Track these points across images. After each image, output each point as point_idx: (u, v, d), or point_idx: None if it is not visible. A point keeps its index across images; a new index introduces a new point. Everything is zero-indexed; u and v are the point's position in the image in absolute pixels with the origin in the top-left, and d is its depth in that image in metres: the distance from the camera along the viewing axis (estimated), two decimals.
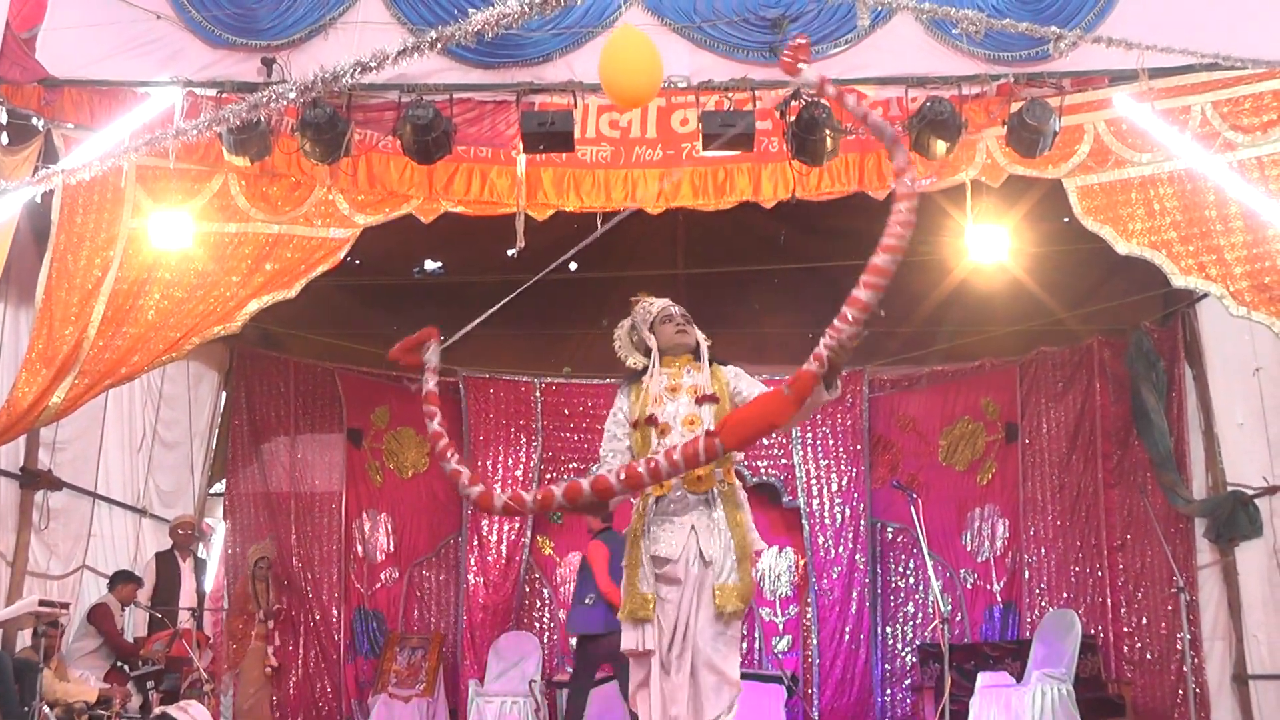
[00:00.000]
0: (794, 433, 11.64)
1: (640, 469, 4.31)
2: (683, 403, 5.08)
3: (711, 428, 4.74)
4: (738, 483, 5.12)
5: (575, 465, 11.70)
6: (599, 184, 7.94)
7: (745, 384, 5.12)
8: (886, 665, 11.40)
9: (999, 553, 11.10)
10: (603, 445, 5.26)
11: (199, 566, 10.28)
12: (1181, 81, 7.44)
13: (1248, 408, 9.37)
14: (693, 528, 4.94)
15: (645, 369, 5.29)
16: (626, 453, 5.13)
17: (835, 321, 4.20)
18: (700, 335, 5.29)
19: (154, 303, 7.86)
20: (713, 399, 5.04)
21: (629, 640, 5.02)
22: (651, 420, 5.07)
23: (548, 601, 11.85)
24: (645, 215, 8.16)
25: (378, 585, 11.64)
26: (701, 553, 4.90)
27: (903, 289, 10.59)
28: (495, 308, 4.99)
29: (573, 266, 10.90)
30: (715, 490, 4.98)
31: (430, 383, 5.09)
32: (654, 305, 5.42)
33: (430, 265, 11.40)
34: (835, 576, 11.39)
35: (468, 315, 12.41)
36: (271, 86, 5.41)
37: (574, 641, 8.89)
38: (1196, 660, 9.33)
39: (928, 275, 10.04)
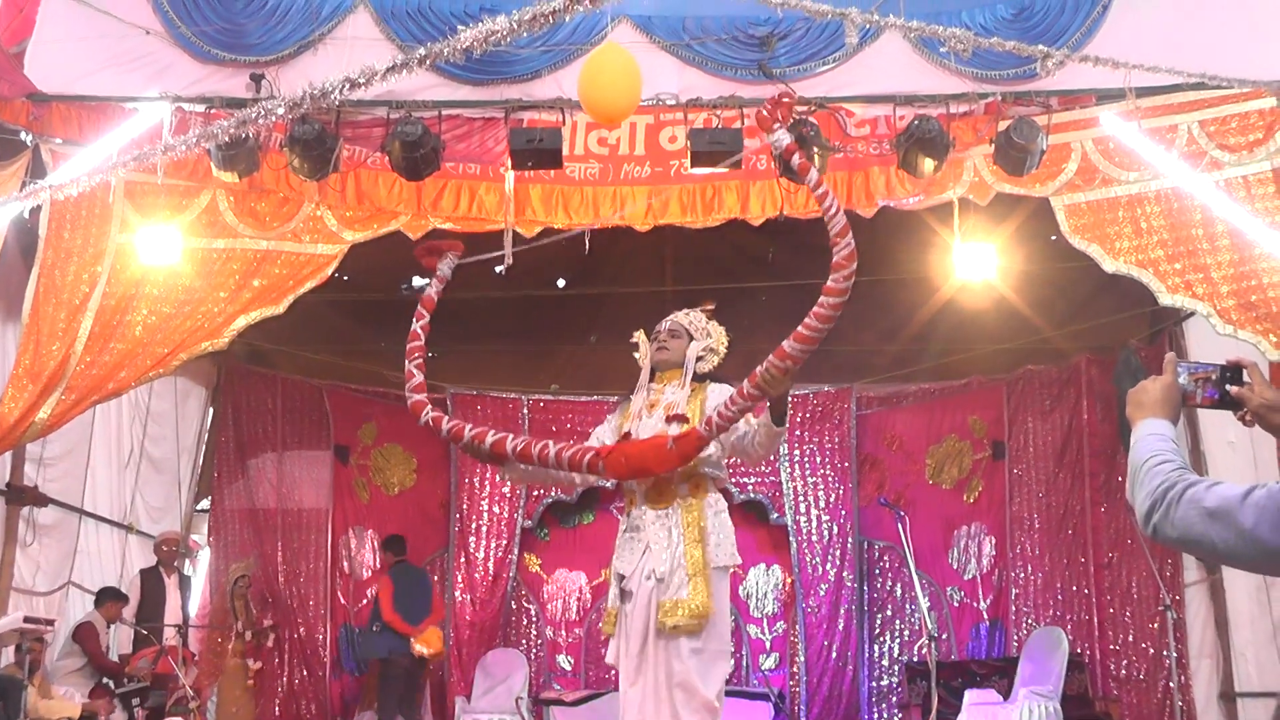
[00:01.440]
0: (781, 450, 11.61)
1: (534, 446, 5.05)
2: (656, 418, 5.11)
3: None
4: (712, 498, 5.10)
5: (563, 483, 11.68)
6: (587, 201, 7.94)
7: (713, 406, 5.05)
8: (874, 683, 11.36)
9: (986, 570, 11.10)
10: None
11: (184, 583, 10.23)
12: (1168, 100, 7.46)
13: (1239, 428, 9.36)
14: (648, 545, 4.97)
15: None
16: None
17: (763, 365, 4.68)
18: (694, 350, 5.28)
19: (141, 318, 7.84)
20: (681, 418, 5.02)
21: (610, 654, 5.15)
22: (626, 438, 5.13)
23: (535, 619, 11.80)
24: (633, 232, 8.17)
25: (364, 602, 11.57)
26: (652, 570, 4.91)
27: (890, 307, 10.66)
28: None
29: (560, 283, 10.91)
30: (676, 505, 5.00)
31: (431, 289, 5.82)
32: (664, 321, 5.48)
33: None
34: (822, 594, 11.37)
35: (455, 331, 12.46)
36: (260, 102, 5.41)
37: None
38: (1184, 678, 9.33)
39: (915, 293, 10.07)
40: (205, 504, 11.45)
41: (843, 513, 11.51)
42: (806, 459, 11.72)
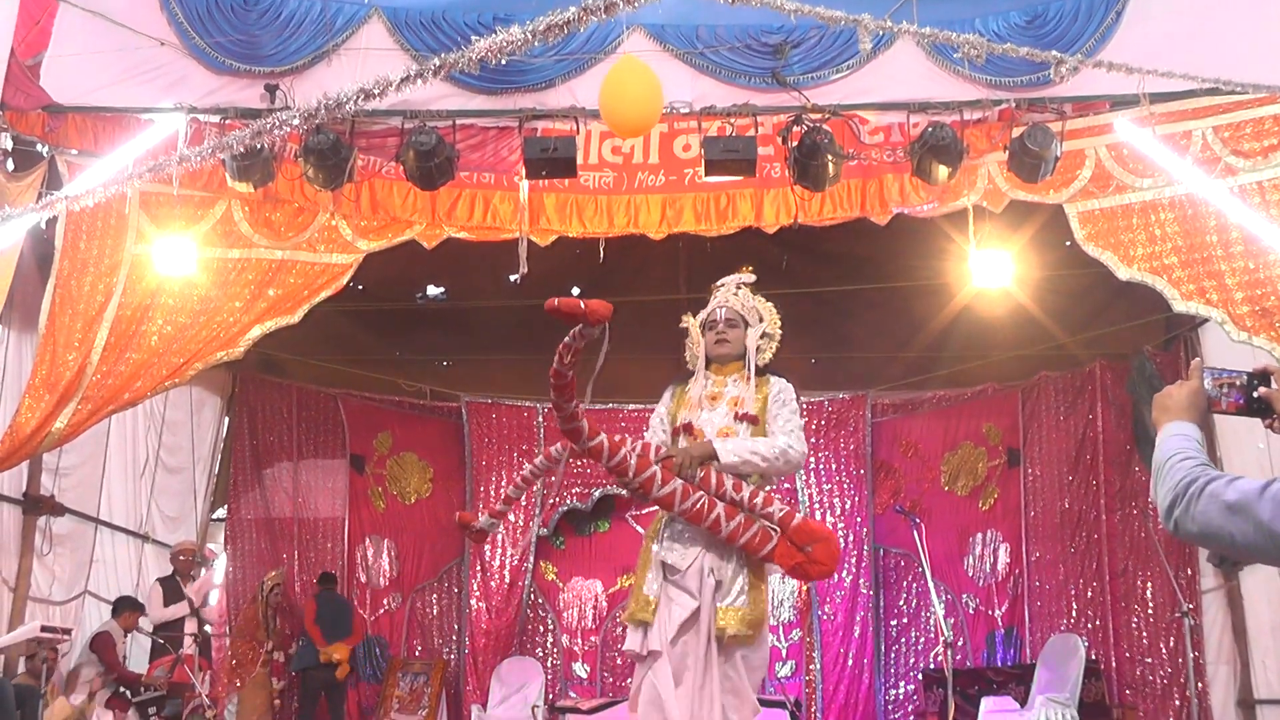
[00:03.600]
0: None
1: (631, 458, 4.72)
2: (720, 413, 5.04)
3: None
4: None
5: (579, 490, 11.68)
6: (601, 210, 7.94)
7: (778, 408, 5.04)
8: (890, 690, 11.34)
9: (1001, 578, 11.05)
10: (650, 432, 5.23)
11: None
12: (1182, 106, 7.44)
13: (1255, 434, 9.31)
14: (704, 541, 4.83)
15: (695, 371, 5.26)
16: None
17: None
18: (753, 339, 5.18)
19: (157, 328, 7.85)
20: (752, 419, 4.98)
21: (630, 642, 4.99)
22: (688, 428, 5.03)
23: (550, 627, 11.80)
24: (648, 241, 8.16)
25: (380, 611, 11.60)
26: (713, 570, 4.81)
27: (905, 314, 10.65)
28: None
29: (575, 291, 10.91)
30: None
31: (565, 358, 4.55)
32: (712, 301, 5.33)
33: (433, 291, 11.39)
34: (838, 601, 11.34)
35: (470, 341, 12.47)
36: (275, 113, 5.42)
37: None
38: (1201, 685, 9.27)
39: (930, 300, 10.05)
40: (221, 513, 11.47)
41: (858, 520, 11.49)
42: (822, 466, 11.70)
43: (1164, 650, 9.85)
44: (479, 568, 11.67)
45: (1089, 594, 10.42)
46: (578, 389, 4.54)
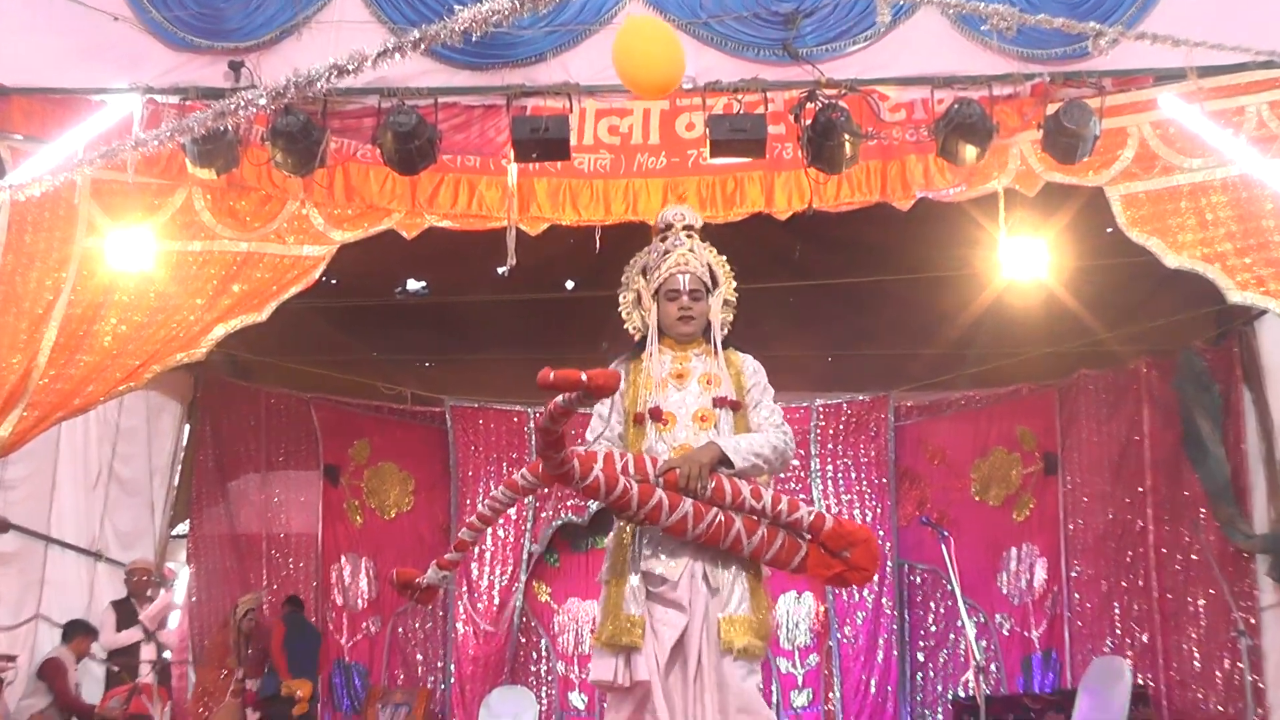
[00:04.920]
0: (812, 464, 11.64)
1: (631, 487, 4.49)
2: (692, 393, 4.87)
3: (730, 433, 4.78)
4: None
5: (573, 504, 11.69)
6: (597, 195, 7.94)
7: (759, 394, 4.93)
8: None
9: (1038, 596, 11.07)
10: (590, 429, 4.96)
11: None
12: (1234, 80, 7.40)
13: None
14: (699, 546, 4.61)
15: (644, 342, 5.06)
16: (619, 444, 4.85)
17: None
18: (716, 308, 5.07)
19: (110, 328, 7.82)
20: (735, 405, 4.84)
21: (603, 670, 4.63)
22: (656, 414, 4.81)
23: (544, 653, 11.82)
24: (648, 229, 8.14)
25: (359, 636, 11.62)
26: (706, 575, 4.61)
27: (930, 307, 10.65)
28: None
29: (569, 285, 10.92)
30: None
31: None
32: (665, 261, 5.09)
33: (413, 285, 11.41)
34: (859, 623, 11.37)
35: (454, 339, 12.48)
36: (240, 92, 5.42)
37: None
38: (1261, 711, 9.25)
39: (958, 292, 10.05)
40: (181, 529, 11.47)
41: (880, 533, 11.49)
42: (840, 474, 11.72)
43: (1218, 674, 9.83)
44: (465, 589, 11.69)
45: (1135, 612, 10.43)
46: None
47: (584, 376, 4.04)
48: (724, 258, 5.21)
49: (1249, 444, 9.84)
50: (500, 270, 7.90)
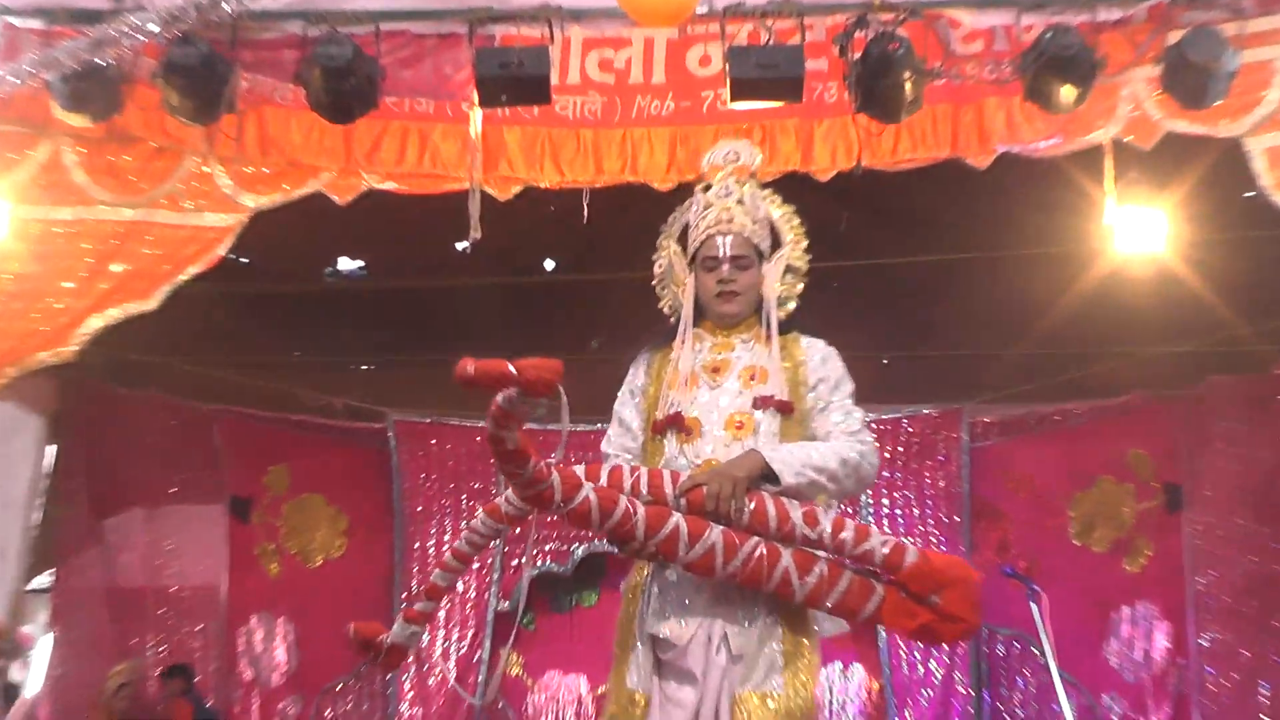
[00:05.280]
0: (864, 499, 11.66)
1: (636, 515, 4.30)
2: (729, 392, 4.77)
3: (775, 441, 4.61)
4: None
5: (553, 548, 11.73)
6: (586, 149, 7.97)
7: (828, 390, 4.79)
8: None
9: (1158, 670, 11.07)
10: (607, 440, 5.02)
11: (9, 694, 10.27)
12: None
13: None
14: (712, 594, 4.55)
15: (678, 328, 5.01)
16: (641, 456, 4.85)
17: None
18: (774, 277, 5.01)
19: None
20: (784, 407, 4.69)
21: None
22: (676, 420, 4.74)
23: None
24: (652, 194, 8.19)
25: None
26: (727, 637, 4.50)
27: (1014, 295, 10.68)
28: None
29: (549, 266, 10.97)
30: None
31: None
32: (705, 218, 5.08)
33: (348, 265, 11.45)
34: (925, 704, 11.40)
35: (400, 335, 12.51)
36: (123, 16, 5.46)
37: None
38: None
39: (1050, 275, 10.10)
40: (43, 580, 11.46)
41: None
42: (899, 510, 11.76)
43: None
44: (413, 659, 11.71)
45: None
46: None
47: (512, 368, 3.91)
48: (791, 208, 5.21)
49: None
50: (460, 246, 7.94)
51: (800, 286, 5.07)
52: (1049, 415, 11.92)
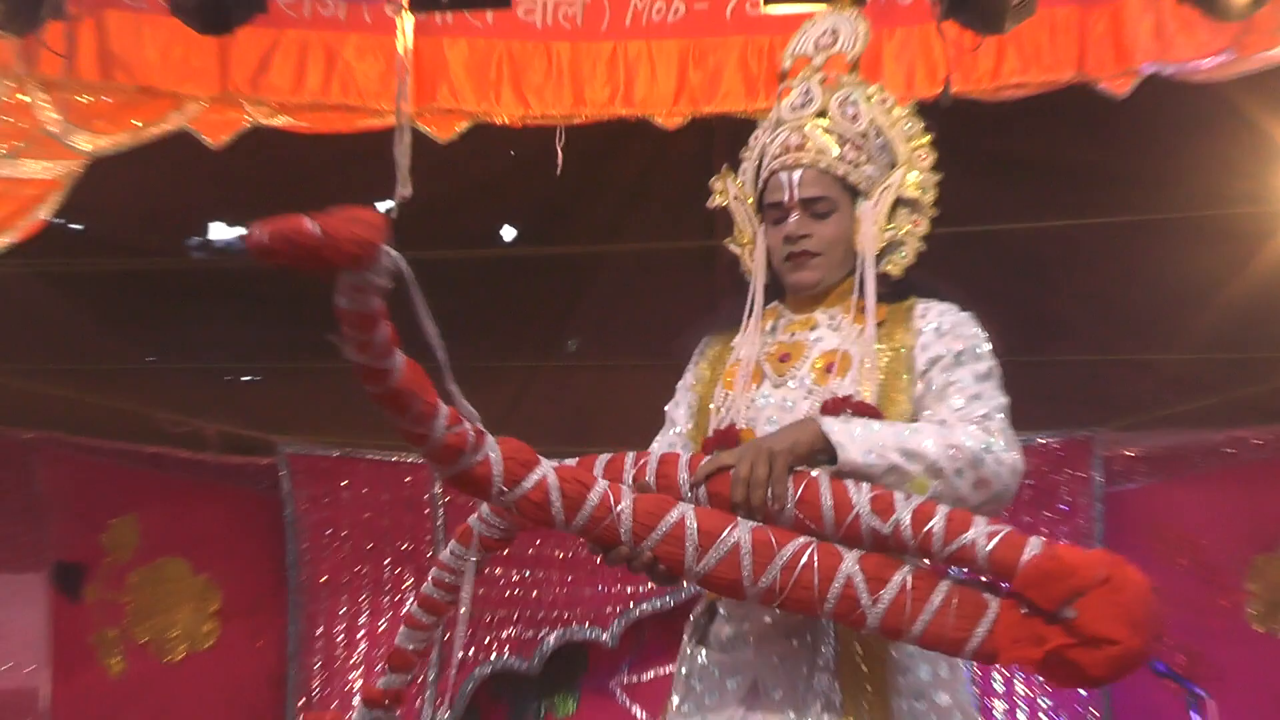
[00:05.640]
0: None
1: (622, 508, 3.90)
2: (795, 390, 4.58)
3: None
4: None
5: (512, 634, 11.76)
6: (560, 72, 8.07)
7: (946, 369, 4.44)
8: None
9: None
10: (658, 438, 4.96)
11: None
12: None
13: None
14: (755, 685, 4.41)
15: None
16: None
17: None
18: (872, 229, 4.74)
19: None
20: (869, 410, 4.36)
21: None
22: (728, 436, 4.54)
23: None
24: (653, 132, 8.27)
25: None
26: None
27: (1168, 278, 10.71)
28: None
29: (507, 234, 11.04)
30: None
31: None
32: (773, 144, 4.86)
33: (223, 234, 11.52)
34: None
35: (299, 332, 12.64)
36: None
37: None
38: None
39: (1217, 252, 10.13)
40: None
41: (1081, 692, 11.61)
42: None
43: None
44: None
45: None
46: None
47: (314, 225, 3.46)
48: (907, 109, 4.96)
49: None
50: (383, 207, 8.00)
51: (924, 228, 4.87)
52: (1218, 447, 11.91)
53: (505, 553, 5.17)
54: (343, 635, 11.79)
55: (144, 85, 8.09)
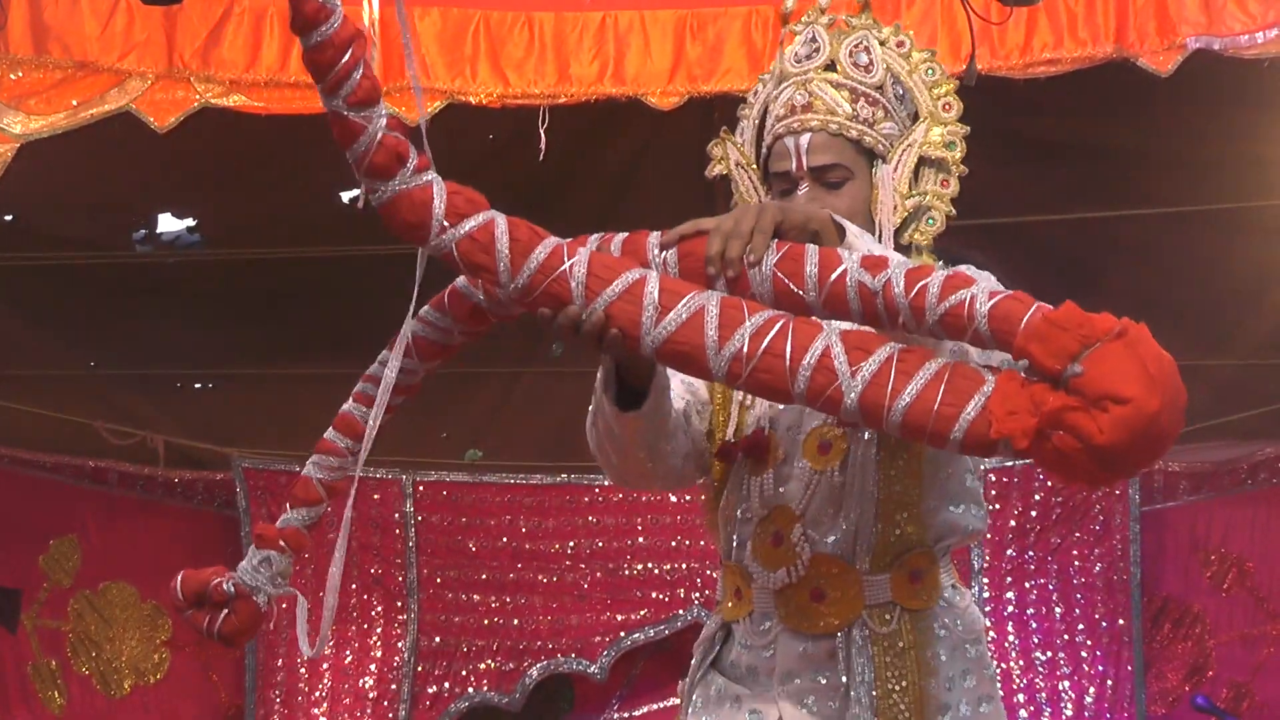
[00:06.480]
0: (977, 587, 11.64)
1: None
2: None
3: (874, 471, 4.16)
4: (947, 591, 4.33)
5: (491, 667, 11.70)
6: (543, 45, 8.01)
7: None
8: None
9: None
10: None
11: None
12: None
13: None
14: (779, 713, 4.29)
15: None
16: (702, 441, 4.42)
17: None
18: (890, 194, 4.39)
19: None
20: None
21: None
22: (755, 444, 4.35)
23: None
24: (648, 113, 8.21)
25: None
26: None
27: (1213, 272, 10.65)
28: None
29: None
30: (862, 627, 4.21)
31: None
32: (775, 103, 4.52)
33: (171, 226, 11.45)
34: None
35: (257, 334, 12.60)
36: None
37: None
38: None
39: (1269, 244, 10.06)
40: None
41: None
42: (1036, 605, 11.74)
43: None
44: None
45: None
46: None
47: None
48: (928, 54, 4.59)
49: None
50: (346, 197, 7.92)
51: (953, 189, 4.52)
52: (1269, 460, 11.87)
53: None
54: (304, 668, 11.70)
55: (81, 60, 8.02)
